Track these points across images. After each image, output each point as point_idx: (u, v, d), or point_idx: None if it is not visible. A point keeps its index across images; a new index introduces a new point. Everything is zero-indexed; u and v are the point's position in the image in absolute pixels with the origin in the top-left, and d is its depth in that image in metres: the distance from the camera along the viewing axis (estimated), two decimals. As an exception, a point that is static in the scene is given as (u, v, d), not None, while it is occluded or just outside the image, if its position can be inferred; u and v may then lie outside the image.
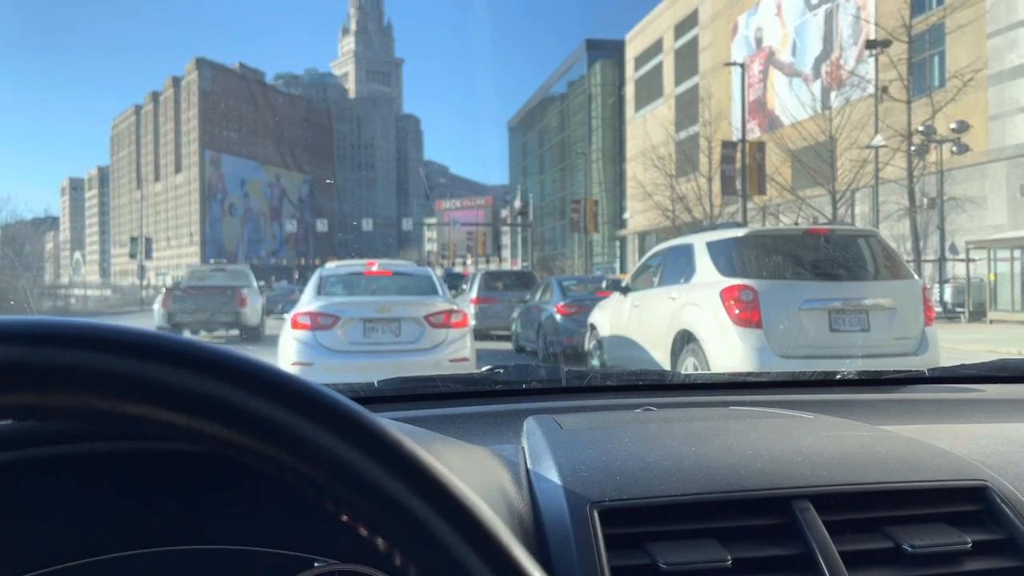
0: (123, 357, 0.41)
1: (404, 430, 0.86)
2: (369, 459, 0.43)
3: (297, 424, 0.42)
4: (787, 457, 0.88)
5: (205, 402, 0.42)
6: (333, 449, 0.43)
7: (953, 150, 23.56)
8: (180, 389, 0.41)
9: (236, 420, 0.42)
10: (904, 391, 1.63)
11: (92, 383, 0.41)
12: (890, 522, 0.81)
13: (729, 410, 1.26)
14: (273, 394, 0.43)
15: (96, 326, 0.43)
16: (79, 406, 0.41)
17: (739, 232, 7.21)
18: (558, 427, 1.03)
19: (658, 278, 8.17)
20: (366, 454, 0.43)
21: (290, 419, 0.42)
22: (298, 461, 0.43)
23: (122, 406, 0.41)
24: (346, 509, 0.43)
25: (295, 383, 0.44)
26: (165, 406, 0.41)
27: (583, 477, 0.81)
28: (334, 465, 0.43)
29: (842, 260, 7.06)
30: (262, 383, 0.43)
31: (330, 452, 0.43)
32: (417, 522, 0.43)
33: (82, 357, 0.41)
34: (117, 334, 0.42)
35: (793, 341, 6.41)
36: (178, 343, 0.43)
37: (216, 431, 0.42)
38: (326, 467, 0.43)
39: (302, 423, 0.43)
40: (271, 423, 0.42)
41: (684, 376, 1.91)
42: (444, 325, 7.49)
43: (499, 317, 17.71)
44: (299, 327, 7.28)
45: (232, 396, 0.42)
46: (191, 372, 0.42)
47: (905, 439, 0.99)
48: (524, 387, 1.58)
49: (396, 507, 0.43)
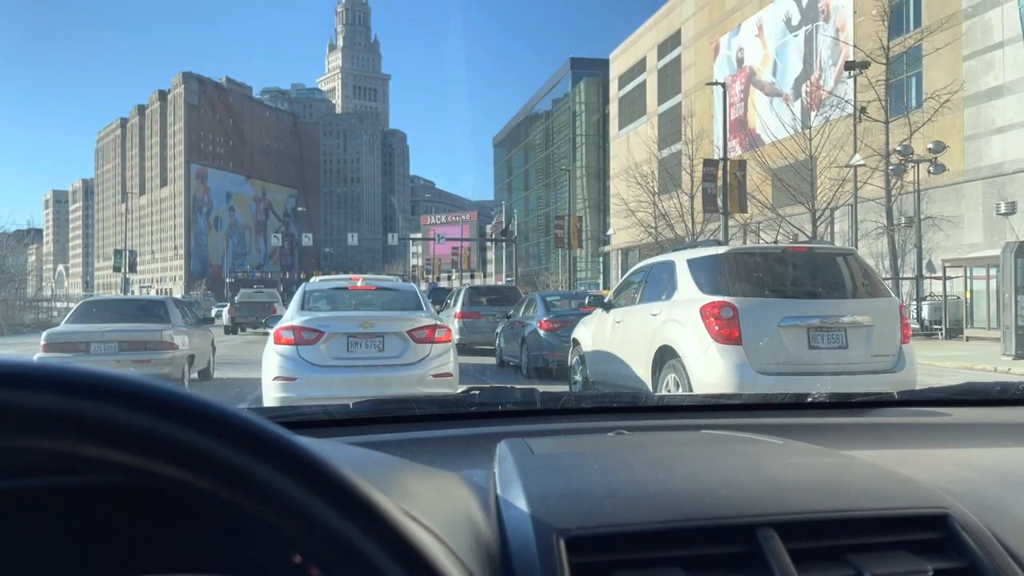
0: (74, 398, 0.40)
1: (372, 457, 0.90)
2: (322, 501, 0.43)
3: (249, 465, 0.42)
4: (752, 485, 0.88)
5: (157, 444, 0.41)
6: (285, 490, 0.42)
7: (930, 170, 23.87)
8: (132, 431, 0.41)
9: (188, 461, 0.41)
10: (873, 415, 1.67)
11: (42, 424, 0.40)
12: (852, 550, 0.81)
13: (699, 434, 1.29)
14: (224, 434, 0.42)
15: (49, 367, 0.42)
16: (30, 447, 0.40)
17: (720, 250, 7.27)
18: (530, 452, 1.05)
19: (640, 294, 8.23)
20: (319, 496, 0.43)
21: (242, 460, 0.42)
22: (250, 501, 0.42)
23: (74, 447, 0.41)
24: (298, 548, 0.44)
25: (246, 422, 0.43)
26: (117, 447, 0.41)
27: (550, 505, 0.81)
28: (286, 506, 0.43)
29: (821, 278, 7.14)
30: (215, 423, 0.42)
31: (282, 493, 0.42)
32: (370, 566, 0.43)
33: (32, 398, 0.40)
34: (68, 375, 0.41)
35: (772, 358, 6.47)
36: (129, 383, 0.42)
37: (170, 473, 0.42)
38: (278, 508, 0.42)
39: (255, 464, 0.42)
40: (223, 464, 0.42)
41: (657, 398, 1.91)
42: (428, 340, 7.46)
43: (483, 332, 17.75)
44: (282, 342, 7.24)
45: (184, 437, 0.41)
46: (143, 413, 0.41)
47: (869, 466, 1.00)
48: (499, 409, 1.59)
49: (347, 549, 0.43)
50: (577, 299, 15.37)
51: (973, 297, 22.10)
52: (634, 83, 54.17)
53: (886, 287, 7.41)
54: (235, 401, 10.16)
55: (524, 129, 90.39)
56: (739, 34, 40.77)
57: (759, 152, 29.23)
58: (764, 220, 28.65)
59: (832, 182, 25.37)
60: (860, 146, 23.80)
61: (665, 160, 38.98)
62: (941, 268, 24.24)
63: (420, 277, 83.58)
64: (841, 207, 26.15)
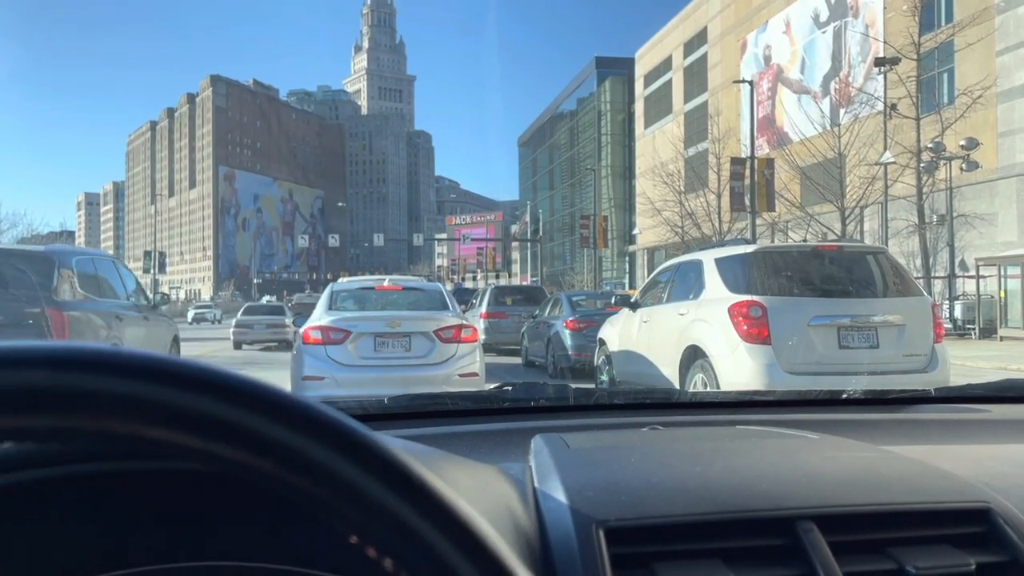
0: (142, 382, 0.42)
1: (412, 449, 0.89)
2: (378, 482, 0.45)
3: (309, 448, 0.44)
4: (791, 478, 0.88)
5: (220, 427, 0.43)
6: (343, 472, 0.44)
7: (962, 167, 23.51)
8: (196, 414, 0.43)
9: (250, 444, 0.43)
10: (909, 411, 1.64)
11: (113, 408, 0.42)
12: (894, 544, 0.81)
13: (734, 429, 1.28)
14: (285, 418, 0.44)
15: (117, 352, 0.44)
16: (100, 430, 0.42)
17: (748, 248, 7.21)
18: (565, 446, 1.05)
19: (667, 294, 8.18)
20: (375, 478, 0.45)
21: (302, 443, 0.44)
22: (309, 483, 0.44)
23: (142, 430, 0.42)
24: (355, 530, 0.45)
25: (306, 407, 0.45)
26: (182, 430, 0.43)
27: (589, 497, 0.81)
28: (343, 488, 0.44)
29: (851, 277, 7.05)
30: (275, 408, 0.44)
31: (340, 475, 0.44)
32: (424, 544, 0.44)
33: (104, 383, 0.42)
34: (137, 360, 0.43)
35: (802, 357, 6.40)
36: (195, 369, 0.44)
37: (231, 455, 0.43)
38: (336, 489, 0.44)
39: (313, 447, 0.44)
40: (283, 447, 0.43)
41: (690, 394, 1.92)
42: (454, 340, 7.50)
43: (508, 332, 17.74)
44: (311, 341, 7.32)
45: (246, 421, 0.43)
46: (208, 397, 0.43)
47: (909, 460, 0.99)
48: (532, 404, 1.59)
49: (403, 529, 0.44)
50: (603, 299, 15.32)
51: (1007, 296, 21.71)
52: (660, 82, 53.93)
53: (918, 286, 7.30)
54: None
55: (549, 129, 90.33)
56: (766, 31, 40.43)
57: (787, 150, 28.95)
58: (792, 219, 28.37)
59: (862, 180, 25.08)
60: (891, 143, 23.50)
61: (691, 159, 38.75)
62: (974, 267, 23.84)
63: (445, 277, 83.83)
64: (871, 205, 25.85)
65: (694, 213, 32.93)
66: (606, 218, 49.04)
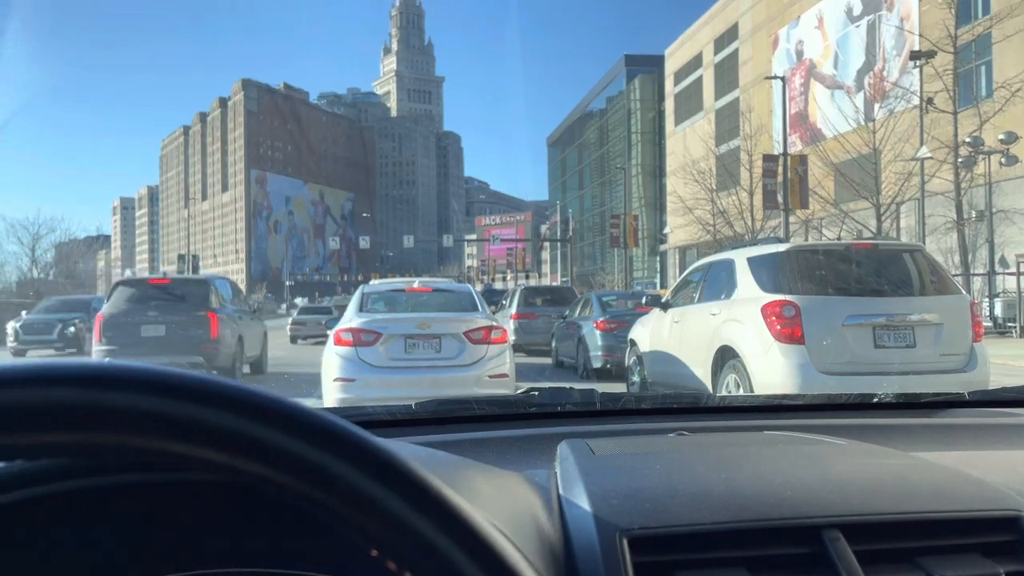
0: (168, 399, 0.43)
1: (438, 457, 0.90)
2: (397, 497, 0.45)
3: (329, 463, 0.45)
4: (818, 485, 0.87)
5: (242, 442, 0.44)
6: (363, 487, 0.45)
7: (1001, 161, 23.05)
8: (220, 430, 0.44)
9: (271, 459, 0.44)
10: (942, 415, 1.61)
11: (141, 424, 0.43)
12: (922, 552, 0.80)
13: (763, 435, 1.27)
14: (306, 434, 0.45)
15: (143, 369, 0.45)
16: (129, 445, 0.43)
17: (780, 247, 7.14)
18: (590, 452, 1.05)
19: (699, 294, 8.12)
20: (395, 493, 0.45)
21: (322, 457, 0.45)
22: (329, 497, 0.45)
23: (168, 445, 0.44)
24: (374, 543, 0.46)
25: (326, 422, 0.46)
26: (206, 445, 0.44)
27: (613, 505, 0.82)
28: (363, 502, 0.45)
29: (886, 275, 6.95)
30: (296, 423, 0.45)
31: (359, 490, 0.45)
32: (442, 558, 0.45)
33: (132, 400, 0.43)
34: (163, 377, 0.44)
35: (836, 357, 6.32)
36: (218, 385, 0.45)
37: (253, 469, 0.44)
38: (355, 504, 0.45)
39: (334, 462, 0.45)
40: (304, 462, 0.44)
41: (718, 399, 1.91)
42: (484, 341, 7.51)
43: (538, 332, 17.74)
44: (342, 343, 7.36)
45: (268, 436, 0.44)
46: (230, 413, 0.44)
47: (938, 467, 0.98)
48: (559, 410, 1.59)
49: (422, 543, 0.45)
50: (634, 299, 15.25)
51: (1049, 293, 21.25)
52: (690, 79, 53.58)
53: (955, 284, 7.18)
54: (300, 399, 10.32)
55: (578, 128, 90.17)
56: (798, 26, 39.98)
57: (820, 147, 28.63)
58: (826, 216, 28.02)
59: (898, 176, 24.71)
60: (927, 138, 23.10)
61: (723, 156, 38.47)
62: (1015, 263, 23.35)
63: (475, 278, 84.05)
64: (907, 202, 25.44)
65: (726, 211, 32.69)
66: (636, 217, 48.76)
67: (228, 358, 12.11)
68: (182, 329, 11.66)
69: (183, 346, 11.53)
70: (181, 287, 12.53)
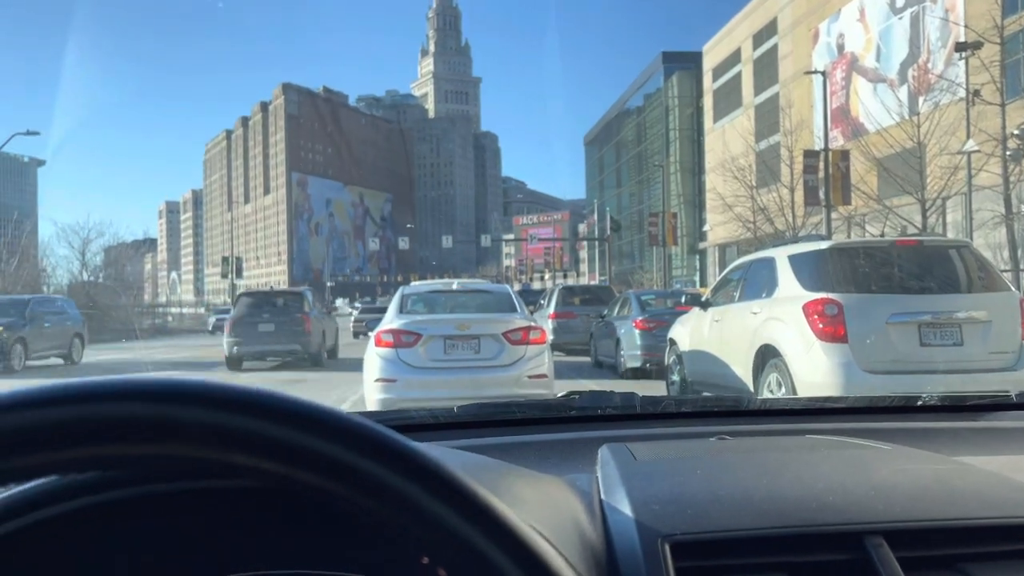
0: (233, 414, 0.46)
1: (482, 463, 0.93)
2: (446, 506, 0.48)
3: (383, 474, 0.47)
4: (860, 491, 0.87)
5: (300, 454, 0.46)
6: (413, 497, 0.47)
7: (1053, 154, 22.42)
8: (285, 444, 0.46)
9: (329, 471, 0.47)
10: (988, 418, 1.59)
11: (206, 437, 0.45)
12: (966, 559, 0.79)
13: (804, 439, 1.26)
14: (361, 446, 0.47)
15: (207, 385, 0.47)
16: (196, 457, 0.46)
17: (822, 245, 7.07)
18: (631, 457, 1.06)
19: (739, 292, 8.06)
20: (443, 502, 0.48)
21: (376, 469, 0.47)
22: (382, 507, 0.47)
23: (232, 457, 0.46)
24: (424, 550, 0.48)
25: (381, 436, 0.48)
26: (268, 458, 0.46)
27: (655, 510, 0.82)
28: (414, 511, 0.48)
29: (932, 272, 6.83)
30: (351, 436, 0.47)
31: (410, 500, 0.47)
32: (491, 566, 0.48)
33: (198, 414, 0.45)
34: (226, 392, 0.46)
35: (881, 356, 6.23)
36: (279, 400, 0.47)
37: (311, 480, 0.47)
38: (407, 513, 0.48)
39: (388, 474, 0.47)
40: (359, 473, 0.47)
41: (759, 401, 1.90)
42: (522, 342, 7.52)
43: (577, 332, 17.72)
44: (382, 344, 7.43)
45: (326, 449, 0.47)
46: (289, 427, 0.46)
47: (984, 473, 0.97)
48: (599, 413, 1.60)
49: (470, 551, 0.48)
50: (672, 298, 15.16)
51: (1104, 289, 20.63)
52: (729, 75, 53.01)
53: (1004, 280, 7.03)
54: (338, 402, 10.49)
55: (616, 126, 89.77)
56: (839, 19, 39.33)
57: (863, 141, 28.11)
58: (870, 212, 27.52)
59: (943, 170, 24.17)
60: (974, 131, 22.56)
61: (763, 152, 38.00)
62: (1067, 258, 22.71)
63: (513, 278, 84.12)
64: (954, 196, 24.88)
65: (766, 208, 32.28)
66: (675, 215, 48.39)
67: (316, 346, 16.67)
68: (286, 326, 16.17)
69: (286, 338, 16.15)
70: (284, 296, 17.59)
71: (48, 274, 46.65)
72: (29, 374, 16.55)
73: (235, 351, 16.23)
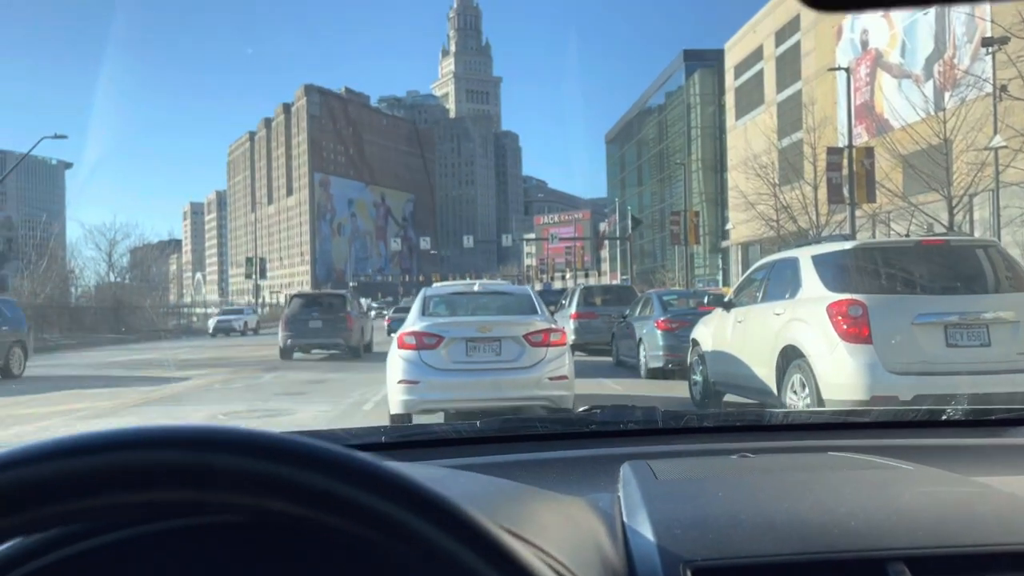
0: (266, 461, 0.47)
1: (505, 488, 0.94)
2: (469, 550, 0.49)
3: (409, 520, 0.48)
4: (882, 516, 0.86)
5: (331, 500, 0.47)
6: (442, 544, 0.49)
7: (1083, 149, 22.04)
8: (311, 490, 0.47)
9: (356, 515, 0.48)
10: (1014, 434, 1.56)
11: (237, 483, 0.46)
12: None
13: (827, 458, 1.26)
14: (391, 494, 0.49)
15: (237, 433, 0.49)
16: (227, 502, 0.46)
17: (846, 245, 7.03)
18: (653, 476, 1.06)
19: (762, 293, 8.02)
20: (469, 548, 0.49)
21: (403, 516, 0.48)
22: (409, 549, 0.49)
23: (264, 502, 0.47)
24: None
25: (411, 485, 0.50)
26: (299, 503, 0.47)
27: (676, 535, 0.82)
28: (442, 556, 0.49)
29: (958, 272, 6.77)
30: (383, 485, 0.49)
31: (439, 547, 0.49)
32: None
33: (232, 461, 0.47)
34: (253, 440, 0.48)
35: (906, 357, 6.18)
36: (310, 448, 0.49)
37: (336, 522, 0.48)
38: (434, 558, 0.49)
39: (415, 520, 0.49)
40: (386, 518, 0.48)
41: (782, 415, 1.89)
42: (543, 344, 7.56)
43: (598, 332, 17.69)
44: (405, 347, 7.51)
45: (355, 497, 0.48)
46: (320, 475, 0.47)
47: (1007, 496, 0.96)
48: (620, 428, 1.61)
49: None
50: (695, 298, 15.09)
51: None
52: (751, 72, 52.64)
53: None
54: (358, 403, 10.57)
55: (637, 124, 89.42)
56: (863, 15, 38.93)
57: (887, 138, 27.78)
58: (895, 210, 27.21)
59: (970, 167, 23.84)
60: (1001, 127, 22.24)
61: (785, 150, 37.68)
62: (1097, 256, 22.32)
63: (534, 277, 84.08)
64: (981, 193, 24.54)
65: (789, 206, 31.99)
66: (697, 213, 48.07)
67: (356, 341, 19.60)
68: (331, 324, 19.09)
69: (331, 333, 19.11)
70: (329, 299, 20.39)
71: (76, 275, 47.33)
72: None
73: (288, 343, 19.29)
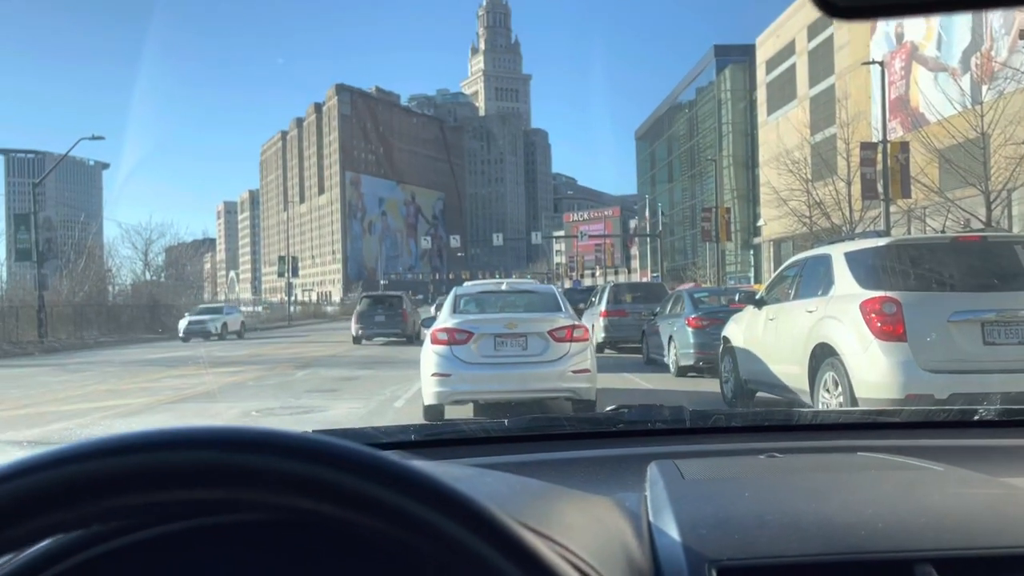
0: (300, 462, 0.48)
1: (533, 489, 0.94)
2: (496, 552, 0.50)
3: (440, 521, 0.49)
4: (911, 517, 0.85)
5: (361, 500, 0.48)
6: (470, 545, 0.50)
7: None
8: (344, 490, 0.48)
9: (388, 517, 0.49)
10: None
11: (273, 483, 0.47)
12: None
13: (855, 458, 1.25)
14: (424, 496, 0.50)
15: (274, 435, 0.50)
16: (261, 501, 0.48)
17: (880, 242, 6.95)
18: (680, 476, 1.06)
19: (794, 290, 7.96)
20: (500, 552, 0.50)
21: (434, 517, 0.49)
22: (439, 550, 0.49)
23: (296, 501, 0.48)
24: None
25: (441, 488, 0.50)
26: (331, 503, 0.48)
27: (702, 534, 0.82)
28: (471, 558, 0.50)
29: (996, 268, 6.65)
30: (417, 488, 0.49)
31: (468, 548, 0.50)
32: None
33: (267, 462, 0.48)
34: (289, 441, 0.49)
35: (942, 355, 6.10)
36: (343, 450, 0.50)
37: (371, 524, 0.49)
38: (464, 559, 0.50)
39: (446, 522, 0.49)
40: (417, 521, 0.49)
41: (811, 415, 1.87)
42: (567, 339, 8.00)
43: (629, 329, 17.61)
44: (438, 342, 8.03)
45: (387, 497, 0.49)
46: (353, 476, 0.48)
47: None
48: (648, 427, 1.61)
49: None
50: (726, 295, 14.97)
51: None
52: (783, 67, 52.06)
53: (1074, 276, 6.79)
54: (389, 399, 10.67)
55: (667, 120, 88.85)
56: (897, 8, 38.27)
57: (923, 132, 27.34)
58: (930, 205, 26.77)
59: (1008, 161, 23.38)
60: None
61: (818, 145, 37.23)
62: None
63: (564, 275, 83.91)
64: (1019, 188, 24.06)
65: (822, 202, 31.59)
66: (728, 210, 47.69)
67: (411, 330, 24.73)
68: (392, 317, 25.10)
69: (392, 325, 25.02)
70: (390, 298, 26.72)
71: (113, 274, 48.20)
72: None
73: (359, 333, 25.10)
